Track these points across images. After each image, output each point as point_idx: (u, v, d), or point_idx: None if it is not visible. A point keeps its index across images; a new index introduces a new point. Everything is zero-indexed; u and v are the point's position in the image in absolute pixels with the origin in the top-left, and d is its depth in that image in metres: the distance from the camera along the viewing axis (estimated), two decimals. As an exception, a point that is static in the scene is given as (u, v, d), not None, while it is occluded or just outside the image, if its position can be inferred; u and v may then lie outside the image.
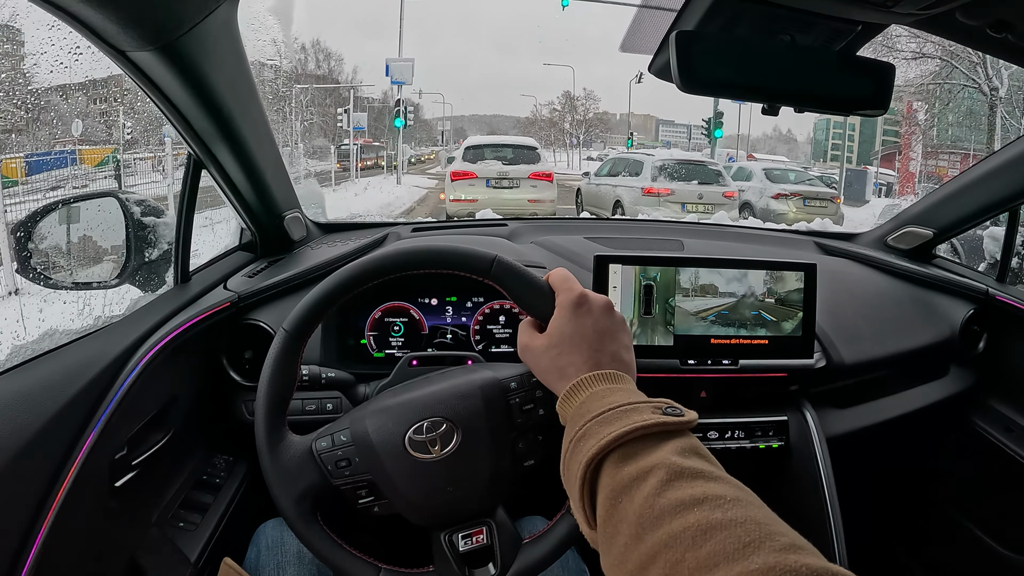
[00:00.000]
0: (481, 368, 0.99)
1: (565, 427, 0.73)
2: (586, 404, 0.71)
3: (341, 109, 27.44)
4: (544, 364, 0.80)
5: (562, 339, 0.79)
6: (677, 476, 0.58)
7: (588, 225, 2.02)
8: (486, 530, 0.91)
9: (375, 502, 0.90)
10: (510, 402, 0.91)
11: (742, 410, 1.38)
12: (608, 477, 0.62)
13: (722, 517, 0.52)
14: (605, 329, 0.80)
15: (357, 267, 0.90)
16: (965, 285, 1.71)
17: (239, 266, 1.48)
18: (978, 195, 1.68)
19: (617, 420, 0.65)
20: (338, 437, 0.90)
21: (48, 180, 4.72)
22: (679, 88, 0.90)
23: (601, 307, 0.81)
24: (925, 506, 1.90)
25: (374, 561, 0.88)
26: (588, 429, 0.66)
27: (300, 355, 0.90)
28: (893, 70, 0.96)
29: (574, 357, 0.77)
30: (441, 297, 1.45)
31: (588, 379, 0.74)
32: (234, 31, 1.07)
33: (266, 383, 0.89)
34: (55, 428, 0.89)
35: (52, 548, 0.85)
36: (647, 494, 0.57)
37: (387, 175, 24.32)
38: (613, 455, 0.63)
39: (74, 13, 0.82)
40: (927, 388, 1.66)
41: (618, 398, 0.69)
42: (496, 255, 0.88)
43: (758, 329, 1.33)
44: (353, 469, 0.89)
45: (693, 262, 1.31)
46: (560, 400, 0.76)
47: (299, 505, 0.87)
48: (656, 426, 0.64)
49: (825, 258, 1.85)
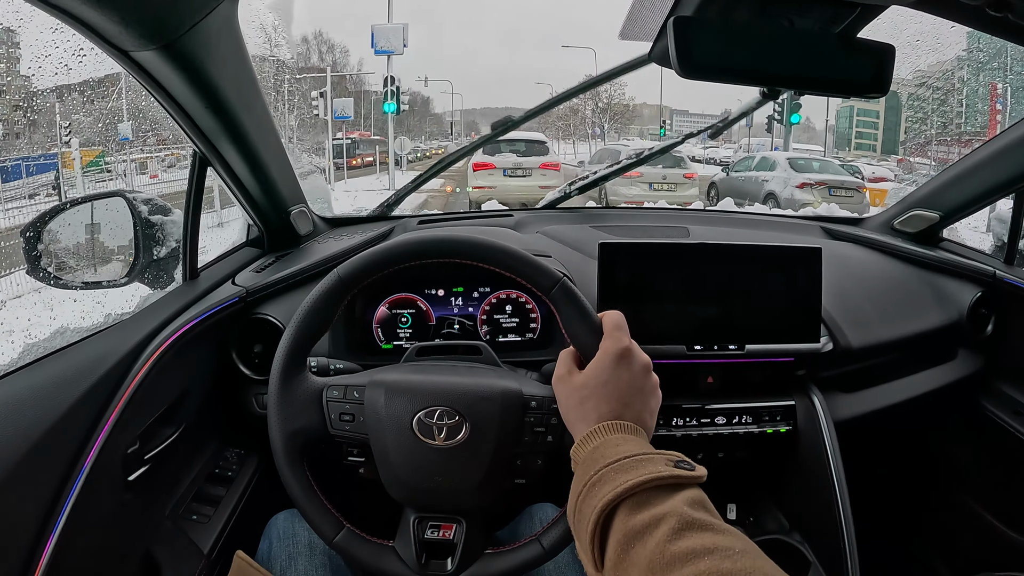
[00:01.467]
0: (508, 376, 1.00)
1: (575, 470, 0.76)
2: (599, 450, 0.73)
3: (316, 92, 21.82)
4: (572, 402, 0.82)
5: (596, 384, 0.81)
6: (688, 526, 0.60)
7: (593, 214, 2.02)
8: (456, 527, 0.93)
9: (362, 464, 0.93)
10: (525, 419, 0.92)
11: (749, 395, 1.38)
12: (620, 523, 0.64)
13: (732, 567, 0.55)
14: (639, 388, 0.82)
15: (426, 240, 0.91)
16: (972, 268, 1.70)
17: (247, 262, 1.49)
18: (985, 177, 1.66)
19: (633, 469, 0.68)
20: (351, 392, 0.92)
21: (26, 188, 4.47)
22: (678, 74, 0.90)
23: (642, 366, 0.83)
24: (933, 490, 1.89)
25: (341, 518, 0.90)
26: (604, 475, 0.69)
27: (339, 304, 0.92)
28: (893, 52, 0.95)
29: (600, 405, 0.79)
30: (448, 288, 1.46)
31: (605, 427, 0.77)
32: (235, 28, 1.07)
33: (300, 315, 0.91)
34: (68, 424, 0.90)
35: (68, 541, 0.86)
36: (659, 540, 0.59)
37: (380, 175, 20.75)
38: (627, 502, 0.65)
39: (75, 14, 0.83)
40: (935, 372, 1.65)
41: (631, 448, 0.72)
42: (562, 277, 0.89)
43: (764, 313, 1.33)
44: (354, 426, 0.91)
45: (698, 248, 1.31)
46: (576, 443, 0.78)
47: (290, 441, 0.89)
48: (669, 478, 0.66)
49: (831, 243, 1.84)
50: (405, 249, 0.90)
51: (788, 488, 1.47)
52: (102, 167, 5.95)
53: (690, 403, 1.35)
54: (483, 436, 0.90)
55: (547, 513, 1.14)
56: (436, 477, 0.90)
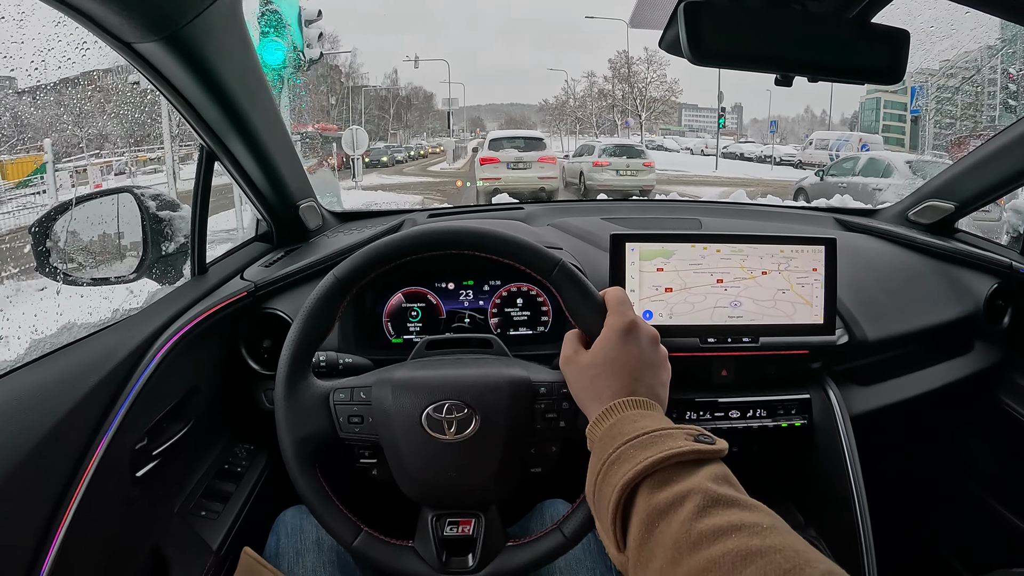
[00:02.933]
0: (515, 364, 0.99)
1: (592, 449, 0.74)
2: (617, 427, 0.71)
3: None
4: (582, 382, 0.81)
5: (605, 361, 0.79)
6: (713, 503, 0.58)
7: (604, 206, 2.01)
8: (475, 522, 0.91)
9: (374, 465, 0.92)
10: (535, 406, 0.91)
11: (764, 388, 1.37)
12: (643, 501, 0.62)
13: (760, 544, 0.53)
14: (649, 361, 0.80)
15: (421, 234, 0.90)
16: (988, 259, 1.68)
17: (256, 257, 1.49)
18: (1000, 167, 1.64)
19: (653, 445, 0.66)
20: (357, 393, 0.91)
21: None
22: (690, 60, 0.89)
23: (649, 338, 0.82)
24: (950, 484, 1.87)
25: (358, 522, 0.89)
26: (623, 452, 0.67)
27: (340, 305, 0.90)
28: (908, 37, 0.94)
29: (612, 382, 0.78)
30: (458, 281, 1.45)
31: (621, 404, 0.75)
32: (239, 18, 1.06)
33: (301, 320, 0.89)
34: (75, 419, 0.89)
35: (75, 537, 0.86)
36: (684, 519, 0.58)
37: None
38: (648, 480, 0.63)
39: (77, 6, 0.82)
40: (951, 365, 1.63)
41: (649, 423, 0.70)
42: (560, 259, 0.88)
43: (779, 306, 1.31)
44: (364, 427, 0.90)
45: (710, 239, 1.29)
46: (591, 422, 0.76)
47: (301, 447, 0.88)
48: (691, 453, 0.64)
49: (845, 234, 1.83)
50: (402, 244, 0.89)
51: (803, 483, 1.46)
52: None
53: (704, 396, 1.34)
54: (494, 427, 0.89)
55: (558, 509, 1.12)
56: (450, 472, 0.89)
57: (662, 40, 1.02)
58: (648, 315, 1.27)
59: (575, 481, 0.80)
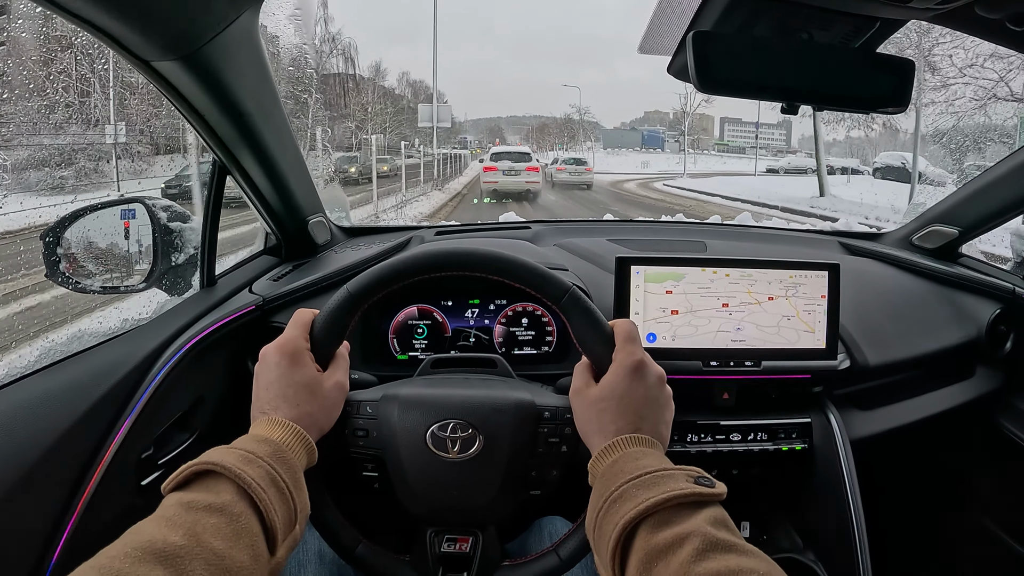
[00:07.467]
0: (520, 387, 0.99)
1: (594, 484, 0.76)
2: (619, 464, 0.73)
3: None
4: (589, 415, 0.82)
5: (612, 397, 0.80)
6: (712, 547, 0.59)
7: (610, 227, 2.02)
8: (472, 541, 0.92)
9: (377, 478, 0.92)
10: (539, 430, 0.92)
11: (765, 412, 1.37)
12: (642, 540, 0.64)
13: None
14: (654, 400, 0.81)
15: (437, 254, 0.90)
16: (991, 284, 1.68)
17: (264, 270, 1.50)
18: (1004, 192, 1.64)
19: (655, 486, 0.67)
20: (364, 407, 0.92)
21: None
22: (697, 88, 0.91)
23: (656, 378, 0.83)
24: (950, 510, 1.87)
25: (356, 533, 0.90)
26: (625, 491, 0.68)
27: (351, 320, 0.89)
28: (913, 66, 0.95)
29: (617, 417, 0.79)
30: (464, 300, 1.46)
31: (624, 440, 0.76)
32: (256, 39, 1.08)
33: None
34: (83, 427, 0.91)
35: (79, 544, 0.87)
36: (683, 561, 0.59)
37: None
38: (649, 519, 0.65)
39: (98, 25, 0.84)
40: (953, 389, 1.63)
41: (651, 462, 0.71)
42: (572, 286, 0.88)
43: (782, 330, 1.32)
44: (368, 441, 0.91)
45: (715, 263, 1.30)
46: (595, 457, 0.78)
47: None
48: (692, 496, 0.66)
49: (849, 258, 1.83)
50: (416, 263, 0.89)
51: (803, 506, 1.46)
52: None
53: (705, 419, 1.35)
54: (497, 448, 0.90)
55: (556, 526, 1.13)
56: (451, 491, 0.89)
57: (671, 66, 1.04)
58: (652, 337, 1.28)
59: (575, 499, 0.81)
